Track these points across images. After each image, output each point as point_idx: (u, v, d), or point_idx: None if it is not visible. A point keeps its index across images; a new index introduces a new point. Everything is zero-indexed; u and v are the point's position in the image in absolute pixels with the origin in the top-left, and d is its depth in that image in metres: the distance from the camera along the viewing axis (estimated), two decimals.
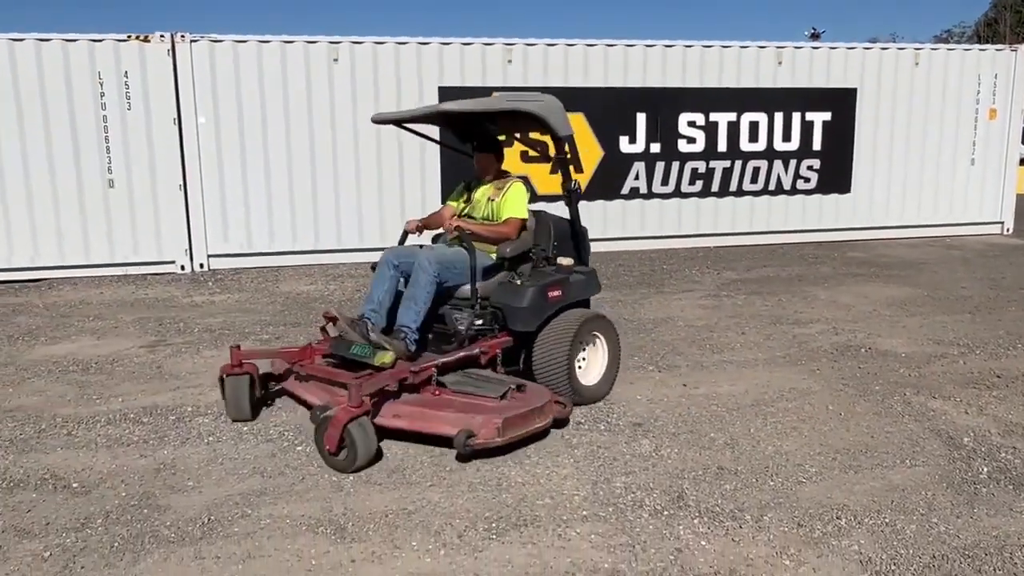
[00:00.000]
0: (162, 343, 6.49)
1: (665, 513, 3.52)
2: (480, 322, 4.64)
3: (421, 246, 4.95)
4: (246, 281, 9.01)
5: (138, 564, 3.15)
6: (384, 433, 4.09)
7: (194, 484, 3.87)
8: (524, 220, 4.99)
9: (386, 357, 4.31)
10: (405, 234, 5.22)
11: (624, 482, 3.83)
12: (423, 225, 5.21)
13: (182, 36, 9.20)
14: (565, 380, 4.57)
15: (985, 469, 3.95)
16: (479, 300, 4.66)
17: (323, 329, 5.05)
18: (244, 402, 4.60)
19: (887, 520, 3.45)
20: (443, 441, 4.03)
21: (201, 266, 9.53)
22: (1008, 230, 12.16)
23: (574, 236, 5.21)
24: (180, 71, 9.19)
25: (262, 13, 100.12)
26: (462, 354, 4.49)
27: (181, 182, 9.33)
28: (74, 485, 3.87)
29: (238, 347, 4.72)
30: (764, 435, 4.40)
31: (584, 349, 4.84)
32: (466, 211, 5.15)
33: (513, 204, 4.94)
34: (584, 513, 3.54)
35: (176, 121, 9.24)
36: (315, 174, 9.74)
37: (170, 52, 9.14)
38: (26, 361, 6.04)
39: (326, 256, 9.90)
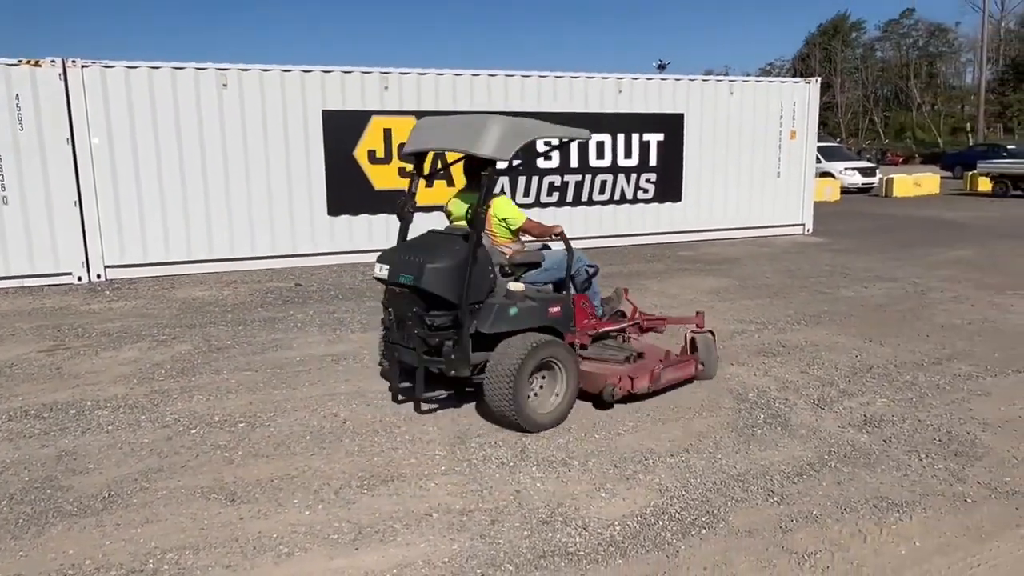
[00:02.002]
0: (61, 347, 6.32)
1: (510, 464, 3.87)
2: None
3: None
4: (143, 289, 8.80)
5: (43, 535, 3.21)
6: None
7: (95, 467, 3.91)
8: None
9: None
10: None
11: (478, 442, 4.16)
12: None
13: (73, 61, 8.87)
14: None
15: (762, 416, 4.53)
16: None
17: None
18: None
19: (683, 459, 3.93)
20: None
21: (98, 276, 9.21)
22: (808, 230, 13.36)
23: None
24: (73, 94, 8.86)
25: (160, 38, 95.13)
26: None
27: (76, 198, 9.00)
28: None
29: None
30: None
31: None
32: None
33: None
34: (443, 468, 3.84)
35: (70, 141, 8.90)
36: (207, 189, 9.60)
37: (62, 76, 8.80)
38: None
39: (219, 264, 9.77)
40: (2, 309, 7.83)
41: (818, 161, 18.03)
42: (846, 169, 23.36)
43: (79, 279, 9.12)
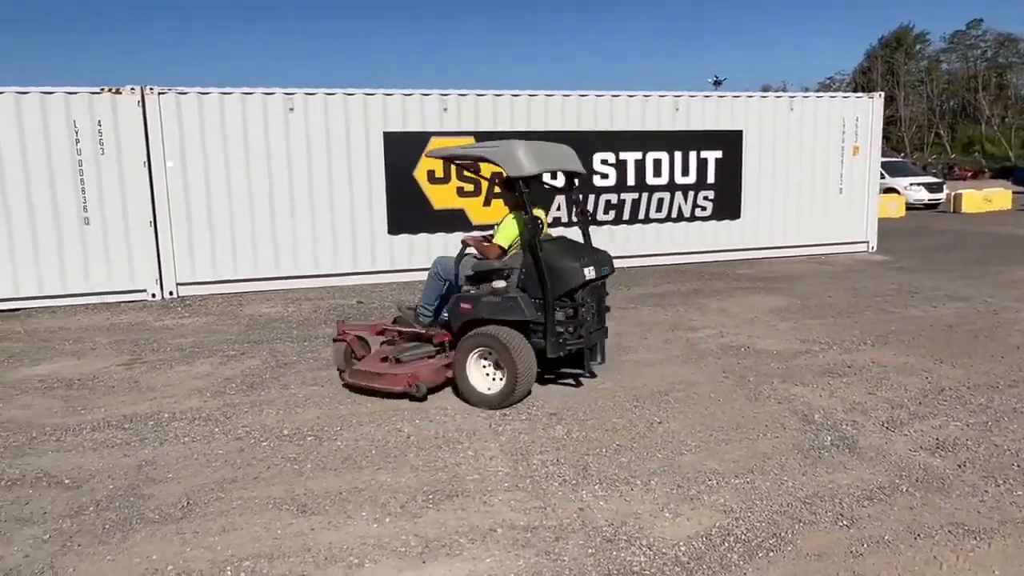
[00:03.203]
0: (138, 361, 6.61)
1: (572, 482, 3.89)
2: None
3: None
4: (212, 306, 9.13)
5: (127, 540, 3.37)
6: None
7: (173, 476, 4.08)
8: (502, 247, 5.43)
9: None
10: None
11: (540, 459, 4.19)
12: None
13: (151, 89, 9.33)
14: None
15: (829, 438, 4.44)
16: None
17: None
18: (343, 358, 5.76)
19: (748, 480, 3.89)
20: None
21: (171, 293, 9.60)
22: (872, 248, 13.02)
23: (537, 270, 5.14)
24: (149, 120, 9.32)
25: (230, 64, 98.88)
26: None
27: (151, 219, 9.42)
28: (66, 481, 4.04)
29: (343, 321, 6.22)
30: (657, 419, 4.82)
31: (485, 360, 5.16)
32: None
33: (499, 234, 5.50)
34: (506, 485, 3.88)
35: (146, 164, 9.34)
36: (274, 209, 9.93)
37: (140, 103, 9.26)
38: (12, 380, 6.10)
39: (285, 282, 10.07)
40: (83, 324, 8.23)
41: (882, 177, 17.58)
42: (911, 184, 22.70)
43: (153, 296, 9.52)
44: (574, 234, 5.98)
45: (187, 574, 3.08)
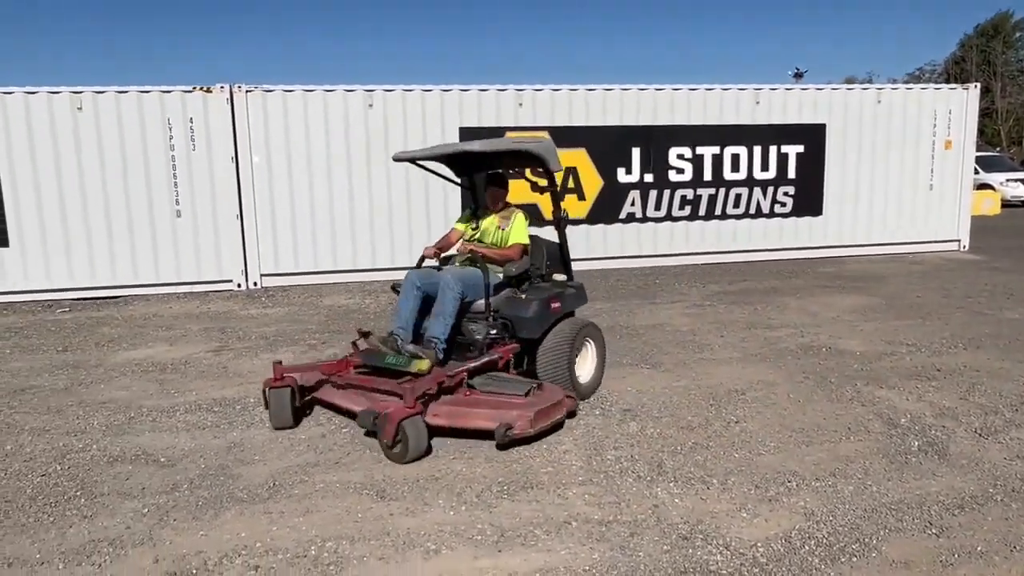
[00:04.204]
0: (225, 348, 6.91)
1: (647, 479, 3.87)
2: (494, 332, 4.88)
3: (439, 267, 5.32)
4: (294, 296, 9.45)
5: (219, 518, 3.54)
6: (430, 430, 4.22)
7: (260, 458, 4.26)
8: (526, 245, 5.32)
9: (423, 364, 4.49)
10: (422, 258, 5.39)
11: (614, 455, 4.18)
12: (438, 250, 5.41)
13: (239, 87, 9.72)
14: (567, 378, 4.85)
15: (916, 443, 4.27)
16: (491, 313, 4.92)
17: (354, 344, 5.09)
18: (287, 412, 4.65)
19: (830, 483, 3.79)
20: (479, 434, 4.27)
21: (255, 284, 9.99)
22: (964, 247, 12.41)
23: (563, 256, 5.52)
24: (237, 117, 9.71)
25: (311, 63, 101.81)
26: (485, 360, 4.69)
27: (238, 212, 9.82)
28: (162, 459, 4.27)
29: (279, 362, 4.76)
30: (733, 418, 4.74)
31: (579, 352, 5.11)
32: (476, 236, 5.42)
33: (518, 232, 5.29)
34: (580, 478, 3.90)
35: (234, 160, 9.74)
36: (353, 203, 10.20)
37: (228, 101, 9.66)
38: (112, 363, 6.48)
39: (362, 274, 10.33)
40: (175, 311, 8.66)
41: (976, 172, 16.72)
42: (1008, 180, 21.51)
43: (238, 286, 9.92)
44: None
45: (274, 551, 3.21)
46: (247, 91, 9.74)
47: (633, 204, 11.21)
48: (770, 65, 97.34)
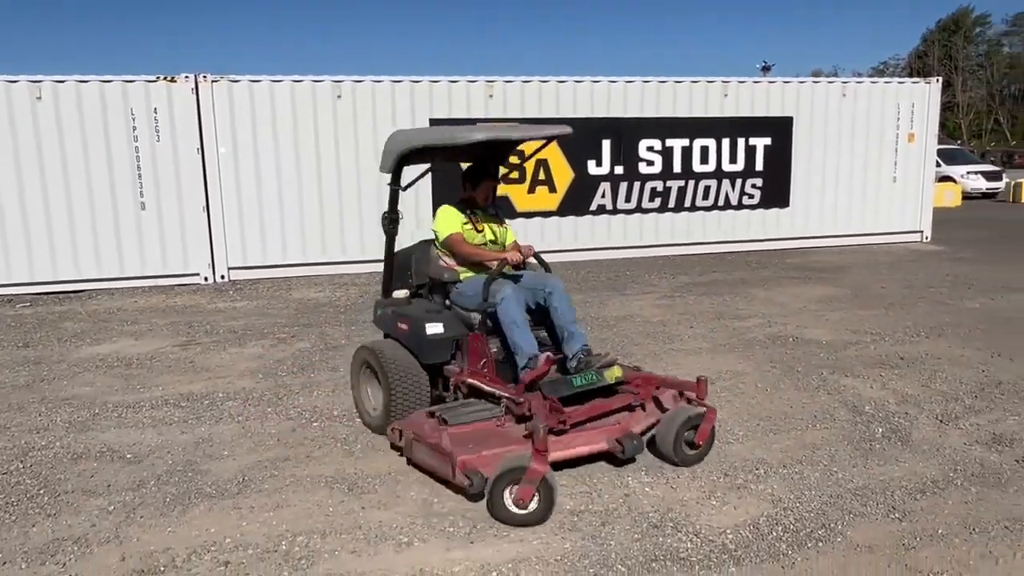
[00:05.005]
0: (193, 342, 6.81)
1: (617, 469, 3.90)
2: None
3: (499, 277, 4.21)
4: (262, 289, 9.34)
5: (187, 514, 3.50)
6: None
7: (229, 453, 4.21)
8: None
9: (617, 371, 3.97)
10: (501, 268, 4.18)
11: None
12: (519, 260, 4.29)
13: (204, 77, 9.55)
14: None
15: (880, 430, 4.37)
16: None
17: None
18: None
19: (797, 470, 3.86)
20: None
21: (222, 277, 9.85)
22: (926, 238, 12.67)
23: None
24: (203, 107, 9.54)
25: (281, 49, 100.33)
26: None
27: (204, 204, 9.66)
28: (128, 456, 4.21)
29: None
30: None
31: None
32: (489, 238, 4.50)
33: (510, 230, 4.73)
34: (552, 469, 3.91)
35: (199, 151, 9.58)
36: (322, 195, 10.10)
37: (194, 91, 9.49)
38: (75, 359, 6.34)
39: (333, 267, 10.24)
40: (140, 306, 8.51)
41: (938, 165, 17.08)
42: (968, 173, 21.99)
43: (205, 279, 9.78)
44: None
45: (244, 547, 3.18)
46: (213, 81, 9.57)
47: (604, 196, 11.25)
48: (739, 59, 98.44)
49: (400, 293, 4.58)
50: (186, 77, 9.49)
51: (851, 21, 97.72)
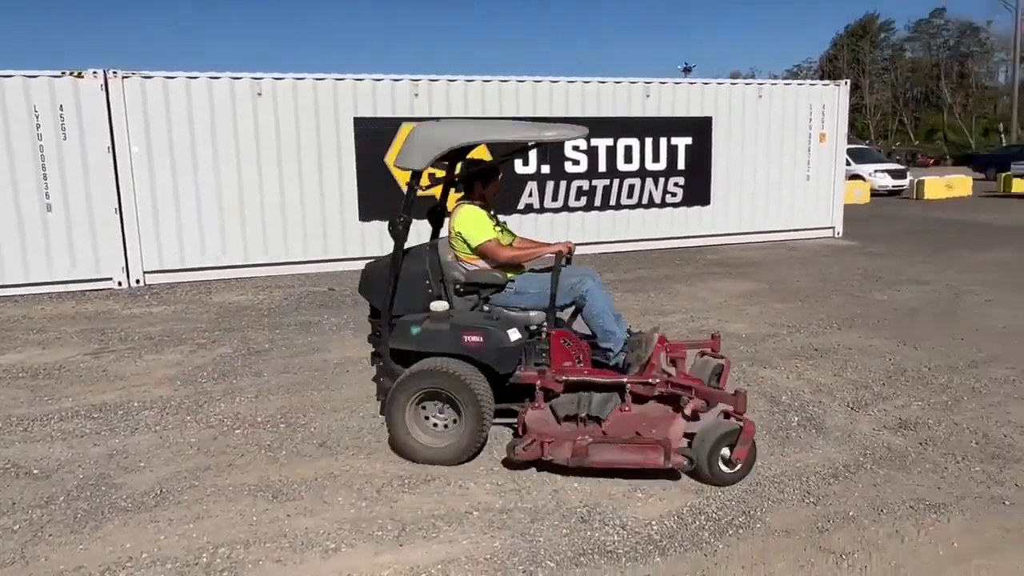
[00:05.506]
0: (106, 350, 6.52)
1: (547, 466, 3.93)
2: None
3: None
4: (181, 294, 9.02)
5: (100, 530, 3.34)
6: None
7: (145, 464, 4.05)
8: None
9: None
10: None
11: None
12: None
13: (114, 72, 9.14)
14: None
15: (796, 419, 4.55)
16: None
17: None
18: None
19: None
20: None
21: (137, 281, 9.46)
22: (838, 234, 13.27)
23: None
24: (113, 104, 9.13)
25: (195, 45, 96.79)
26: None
27: (116, 205, 9.25)
28: (35, 471, 3.99)
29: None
30: None
31: None
32: (507, 239, 4.43)
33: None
34: (481, 469, 3.92)
35: (111, 150, 9.16)
36: (243, 195, 9.82)
37: (103, 87, 9.07)
38: None
39: (254, 269, 9.98)
40: (48, 313, 8.08)
41: (848, 164, 17.89)
42: (876, 171, 23.12)
43: (119, 284, 9.37)
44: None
45: (162, 561, 3.07)
46: (124, 77, 9.18)
47: (531, 195, 11.33)
48: (659, 61, 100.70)
49: (440, 305, 4.06)
50: (95, 73, 9.07)
51: (769, 24, 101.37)
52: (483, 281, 4.13)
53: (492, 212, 4.41)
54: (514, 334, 3.92)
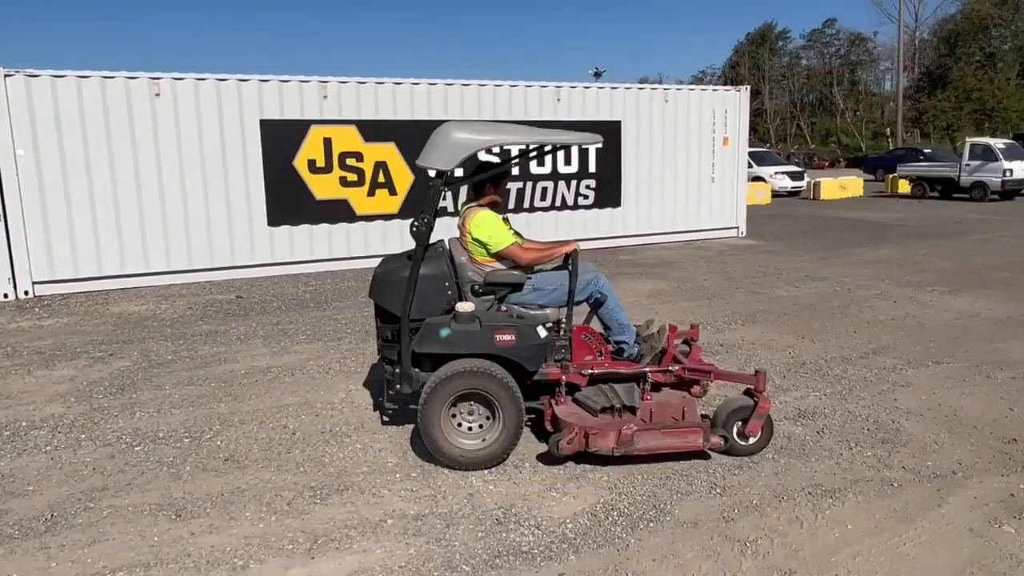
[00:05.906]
0: None
1: (462, 470, 3.93)
2: None
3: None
4: (75, 305, 8.52)
5: None
6: None
7: (35, 488, 3.81)
8: None
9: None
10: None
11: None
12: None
13: None
14: None
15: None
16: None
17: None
18: None
19: (630, 458, 4.06)
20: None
21: (26, 293, 8.88)
22: (742, 233, 13.81)
23: None
24: None
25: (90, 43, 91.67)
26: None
27: (1, 212, 8.67)
28: None
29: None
30: None
31: None
32: (520, 240, 4.44)
33: None
34: (396, 475, 3.88)
35: None
36: (141, 201, 9.37)
37: None
38: None
39: (156, 278, 9.54)
40: None
41: (749, 166, 18.64)
42: (776, 173, 24.17)
43: (5, 296, 8.78)
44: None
45: None
46: (6, 75, 8.61)
47: (444, 198, 11.27)
48: (570, 65, 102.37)
49: (466, 306, 3.95)
50: None
51: (675, 31, 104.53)
52: (505, 281, 4.18)
53: (504, 216, 4.44)
54: (542, 331, 4.00)
